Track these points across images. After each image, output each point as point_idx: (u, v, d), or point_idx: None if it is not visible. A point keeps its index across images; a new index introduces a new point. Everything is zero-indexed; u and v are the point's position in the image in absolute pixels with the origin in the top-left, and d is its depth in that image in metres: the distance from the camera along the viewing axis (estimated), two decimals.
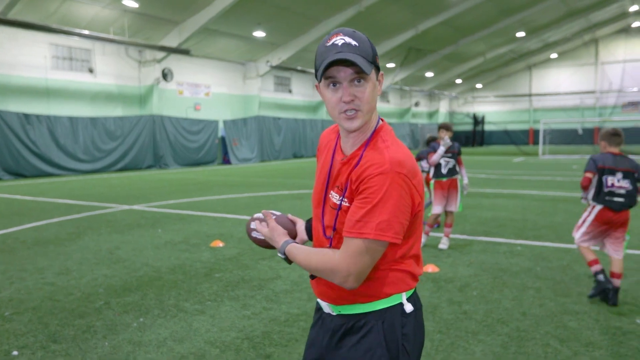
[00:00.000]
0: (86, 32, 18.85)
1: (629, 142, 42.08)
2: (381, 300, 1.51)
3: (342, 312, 1.56)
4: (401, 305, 1.53)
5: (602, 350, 3.38)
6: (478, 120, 49.13)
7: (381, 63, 34.54)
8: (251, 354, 3.32)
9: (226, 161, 26.07)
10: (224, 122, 25.45)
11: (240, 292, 4.63)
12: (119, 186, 14.71)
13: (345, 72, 1.38)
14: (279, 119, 29.19)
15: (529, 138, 49.04)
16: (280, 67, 27.82)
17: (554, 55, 46.42)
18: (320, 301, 1.63)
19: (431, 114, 50.60)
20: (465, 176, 6.52)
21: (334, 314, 1.59)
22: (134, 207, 10.18)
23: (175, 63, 24.02)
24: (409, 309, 1.54)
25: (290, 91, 32.28)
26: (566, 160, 25.84)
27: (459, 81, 46.72)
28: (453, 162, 6.32)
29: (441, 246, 6.33)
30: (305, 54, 28.64)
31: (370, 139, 1.48)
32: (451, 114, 53.52)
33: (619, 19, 39.96)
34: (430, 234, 6.99)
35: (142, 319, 3.93)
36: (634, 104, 44.27)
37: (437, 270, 5.33)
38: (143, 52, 22.85)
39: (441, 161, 6.31)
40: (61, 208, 10.10)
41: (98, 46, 21.29)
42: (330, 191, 1.53)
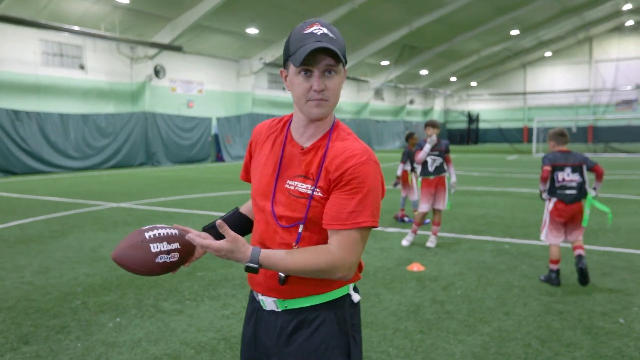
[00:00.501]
0: (76, 28, 18.69)
1: (622, 141, 42.27)
2: (333, 291, 1.51)
3: (288, 307, 1.52)
4: (349, 295, 1.55)
5: (583, 350, 3.34)
6: (473, 119, 49.19)
7: (375, 60, 34.54)
8: (227, 355, 3.26)
9: (219, 158, 25.95)
10: (217, 119, 25.33)
11: (221, 291, 4.56)
12: (109, 183, 14.59)
13: (320, 62, 1.39)
14: (272, 116, 29.07)
15: (523, 136, 49.15)
16: (274, 64, 27.71)
17: (548, 54, 46.52)
18: (264, 298, 1.55)
19: (426, 112, 50.60)
20: (453, 174, 6.47)
21: (278, 310, 1.54)
22: (122, 204, 10.09)
23: (167, 60, 23.87)
24: (357, 298, 1.57)
25: (284, 88, 32.07)
26: None
27: (453, 79, 46.74)
28: (440, 160, 6.27)
29: (428, 245, 6.28)
30: None
31: (332, 131, 1.50)
32: (446, 111, 53.57)
33: (612, 18, 40.09)
34: (418, 232, 6.93)
35: (118, 319, 3.86)
36: (627, 102, 44.44)
37: (422, 269, 5.28)
38: (135, 48, 22.68)
39: (428, 159, 6.26)
40: (48, 205, 9.99)
41: (89, 42, 21.11)
42: (287, 181, 1.50)
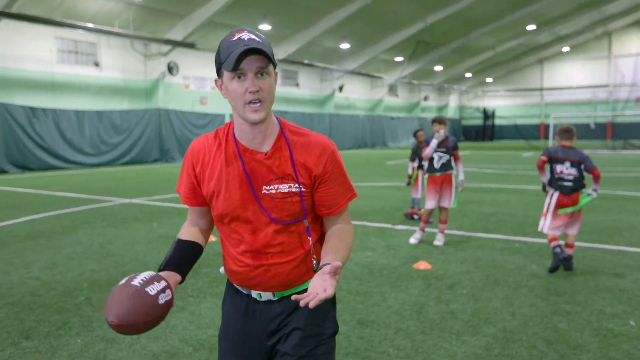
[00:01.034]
0: (91, 25, 18.86)
1: None
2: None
3: (285, 294, 1.62)
4: None
5: (591, 353, 3.25)
6: (488, 115, 48.64)
7: (389, 56, 34.32)
8: None
9: None
10: (231, 116, 25.39)
11: (224, 288, 4.53)
12: (123, 180, 14.72)
13: (252, 64, 1.45)
14: (285, 112, 29.06)
15: (539, 133, 48.45)
16: (287, 61, 27.68)
17: (565, 49, 45.73)
18: (262, 292, 1.63)
19: (440, 108, 50.17)
20: (461, 172, 6.37)
21: (274, 299, 1.63)
22: (134, 200, 10.15)
23: (181, 56, 23.98)
24: None
25: (298, 85, 32.13)
26: None
27: (468, 75, 46.23)
28: (447, 157, 6.17)
29: (436, 243, 6.19)
30: (313, 47, 28.47)
31: (284, 129, 1.59)
32: (461, 108, 53.06)
33: (632, 12, 39.17)
34: (426, 230, 6.85)
35: None
36: None
37: (428, 267, 5.20)
38: (149, 45, 22.82)
39: (434, 155, 6.17)
40: (61, 201, 10.10)
41: (103, 40, 21.29)
42: (263, 187, 1.54)
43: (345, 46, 30.15)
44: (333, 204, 1.60)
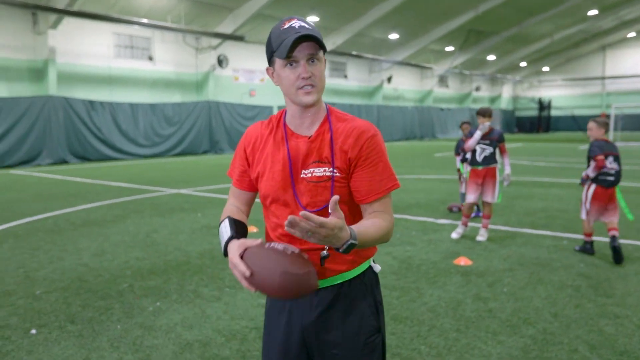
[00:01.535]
0: (145, 20, 19.48)
1: None
2: (360, 265, 1.63)
3: (321, 286, 1.60)
4: (371, 267, 1.69)
5: None
6: (544, 105, 46.72)
7: (439, 47, 33.54)
8: (256, 344, 3.27)
9: None
10: (279, 107, 25.64)
11: None
12: (173, 170, 15.18)
13: (303, 51, 1.47)
14: (333, 104, 28.99)
15: None
16: (335, 52, 27.58)
17: (631, 34, 43.06)
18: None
19: (493, 99, 48.61)
20: (507, 166, 6.15)
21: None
22: (182, 191, 10.46)
23: (230, 49, 24.38)
24: (378, 268, 1.71)
25: (346, 76, 31.99)
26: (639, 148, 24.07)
27: (523, 64, 44.50)
28: (491, 149, 5.97)
29: (479, 238, 6.02)
30: (361, 38, 28.23)
31: (330, 115, 1.61)
32: (515, 98, 51.22)
33: None
34: (469, 225, 6.67)
35: (158, 303, 3.99)
36: None
37: (469, 263, 5.07)
38: (199, 39, 23.33)
39: (477, 148, 6.00)
40: (114, 191, 10.54)
41: (157, 34, 21.95)
42: (302, 171, 1.57)
43: (394, 37, 29.72)
44: (369, 190, 1.55)
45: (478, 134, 5.88)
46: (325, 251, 1.54)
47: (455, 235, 6.17)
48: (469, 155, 6.20)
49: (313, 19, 23.90)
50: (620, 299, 4.08)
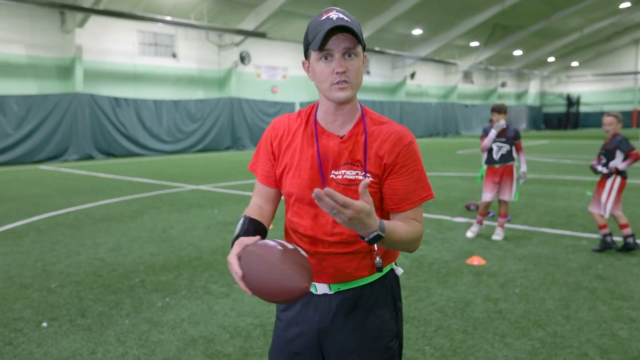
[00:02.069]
0: (169, 18, 19.73)
1: None
2: (384, 267, 1.59)
3: (341, 289, 1.56)
4: (393, 270, 1.65)
5: None
6: (572, 101, 45.60)
7: (464, 42, 33.06)
8: (259, 341, 3.28)
9: None
10: (301, 104, 25.66)
11: None
12: (194, 166, 15.36)
13: (339, 44, 1.41)
14: None
15: (632, 120, 44.72)
16: None
17: None
18: (316, 283, 1.56)
19: (520, 95, 47.69)
20: (523, 163, 6.02)
21: (331, 292, 1.56)
22: (201, 187, 10.57)
23: (252, 46, 24.51)
24: (400, 272, 1.66)
25: (369, 72, 31.81)
26: None
27: (551, 59, 43.51)
28: (507, 147, 5.86)
29: (494, 237, 5.92)
30: (383, 34, 28.02)
31: (364, 116, 1.55)
32: (542, 94, 50.15)
33: None
34: (485, 224, 6.56)
35: (167, 299, 4.04)
36: None
37: (482, 262, 4.99)
38: (222, 36, 23.52)
39: (493, 146, 5.90)
40: (136, 186, 10.72)
41: (180, 31, 22.22)
42: (332, 171, 1.51)
43: (417, 32, 29.42)
44: (402, 199, 1.50)
45: (493, 132, 5.79)
46: (379, 258, 1.52)
47: (470, 234, 6.08)
48: (484, 154, 6.11)
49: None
50: (638, 302, 3.96)
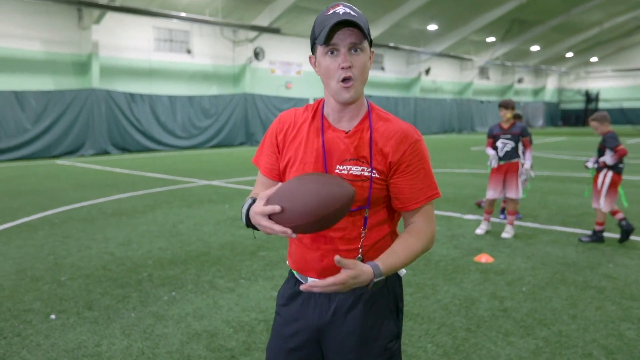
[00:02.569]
0: (184, 14, 19.84)
1: None
2: None
3: None
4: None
5: None
6: (591, 98, 44.81)
7: (480, 37, 32.68)
8: (262, 337, 3.31)
9: None
10: (315, 100, 25.62)
11: (277, 272, 4.64)
12: (207, 162, 15.47)
13: (345, 39, 1.41)
14: (370, 97, 28.79)
15: None
16: (373, 44, 27.27)
17: None
18: (317, 280, 1.54)
19: (537, 91, 47.02)
20: (528, 160, 5.96)
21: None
22: (213, 182, 10.64)
23: (266, 42, 24.53)
24: (403, 272, 1.62)
25: (383, 68, 31.65)
26: None
27: (569, 55, 42.78)
28: (513, 144, 5.84)
29: (504, 235, 5.87)
30: (398, 29, 27.84)
31: (371, 112, 1.55)
32: (560, 90, 49.38)
33: None
34: (495, 221, 6.50)
35: (174, 293, 4.09)
36: None
37: (490, 260, 4.95)
38: (237, 32, 23.58)
39: (498, 143, 5.88)
40: (149, 181, 10.83)
41: (195, 28, 22.32)
42: (336, 166, 1.50)
43: (432, 27, 29.15)
44: (409, 198, 1.51)
45: (492, 159, 6.00)
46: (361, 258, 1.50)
47: (479, 231, 6.03)
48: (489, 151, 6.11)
49: None
50: None
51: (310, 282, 1.27)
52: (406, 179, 1.50)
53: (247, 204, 1.47)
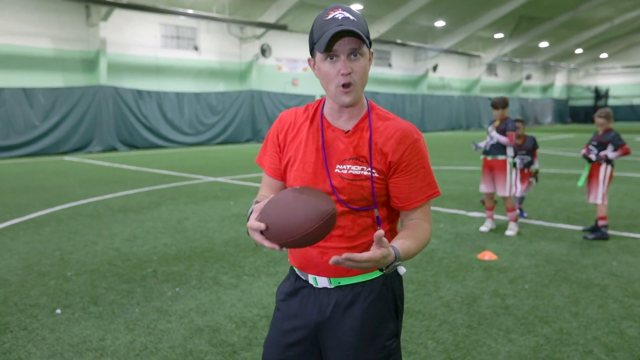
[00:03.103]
0: (191, 11, 19.91)
1: None
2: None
3: (341, 284, 1.56)
4: (395, 268, 1.57)
5: None
6: (600, 94, 44.45)
7: (488, 34, 32.51)
8: (264, 332, 3.34)
9: None
10: (322, 97, 25.61)
11: (280, 268, 4.67)
12: (213, 158, 15.53)
13: (344, 46, 1.41)
14: (377, 94, 28.76)
15: None
16: (380, 41, 27.25)
17: None
18: (317, 277, 1.57)
19: (545, 88, 46.72)
20: (501, 138, 5.85)
21: (331, 287, 1.56)
22: (219, 179, 10.69)
23: (273, 39, 24.55)
24: (403, 270, 1.58)
25: (390, 65, 31.58)
26: None
27: (579, 51, 42.46)
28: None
29: (508, 233, 5.86)
30: (406, 26, 27.76)
31: (370, 111, 1.55)
32: (569, 87, 49.05)
33: None
34: (496, 218, 6.49)
35: (177, 289, 4.13)
36: None
37: (494, 258, 4.95)
38: (243, 29, 23.62)
39: (487, 137, 6.00)
40: (155, 178, 10.91)
41: (202, 25, 22.39)
42: (336, 166, 1.52)
43: (440, 24, 29.04)
44: (408, 197, 1.51)
45: (491, 128, 6.03)
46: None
47: (484, 228, 6.03)
48: (482, 144, 6.18)
49: (357, 6, 23.67)
50: None
51: (345, 255, 1.22)
52: (406, 178, 1.50)
53: (250, 212, 1.48)
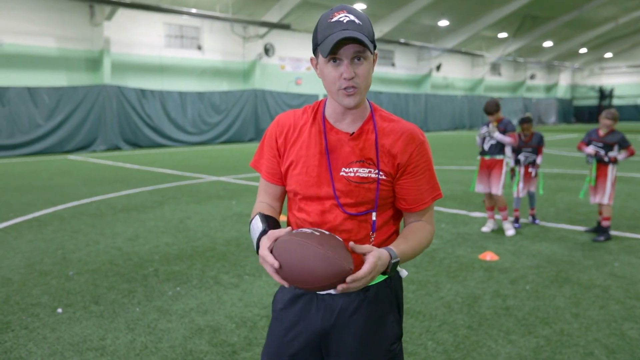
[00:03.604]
0: (194, 10, 19.93)
1: None
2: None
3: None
4: (398, 271, 1.60)
5: None
6: (605, 94, 44.24)
7: (492, 33, 32.43)
8: (264, 332, 3.34)
9: None
10: (325, 96, 25.60)
11: None
12: (216, 158, 15.55)
13: (348, 50, 1.38)
14: (380, 93, 28.74)
15: None
16: (383, 40, 27.19)
17: None
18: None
19: (549, 88, 46.53)
20: (501, 136, 5.83)
21: (334, 292, 1.52)
22: (221, 178, 10.71)
23: (277, 38, 24.54)
24: (404, 274, 1.61)
25: (394, 64, 31.53)
26: None
27: (583, 50, 42.25)
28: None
29: (508, 233, 5.85)
30: (409, 25, 27.70)
31: (374, 113, 1.54)
32: (573, 87, 48.84)
33: None
34: (497, 218, 6.48)
35: (178, 289, 4.14)
36: None
37: (495, 258, 4.94)
38: (247, 28, 23.62)
39: (485, 137, 5.98)
40: (158, 177, 10.93)
41: (206, 24, 22.40)
42: (342, 169, 1.49)
43: (443, 23, 28.97)
44: (416, 199, 1.52)
45: (485, 129, 5.97)
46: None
47: (485, 229, 6.02)
48: (479, 142, 6.13)
49: (360, 6, 23.64)
50: None
51: (348, 279, 1.26)
52: (413, 180, 1.50)
53: (258, 233, 1.45)
